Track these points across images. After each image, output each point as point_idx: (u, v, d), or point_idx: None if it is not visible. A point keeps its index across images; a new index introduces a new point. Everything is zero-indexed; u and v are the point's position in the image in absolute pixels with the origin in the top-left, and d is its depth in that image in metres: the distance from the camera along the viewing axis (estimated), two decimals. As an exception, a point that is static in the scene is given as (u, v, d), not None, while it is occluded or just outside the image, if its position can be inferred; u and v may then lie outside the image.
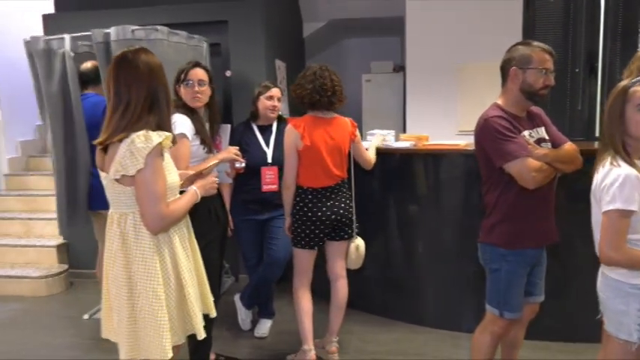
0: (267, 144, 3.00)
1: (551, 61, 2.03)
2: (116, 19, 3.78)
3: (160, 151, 1.70)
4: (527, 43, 2.08)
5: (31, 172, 5.32)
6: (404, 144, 3.26)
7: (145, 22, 3.39)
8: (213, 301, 2.53)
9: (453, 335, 3.13)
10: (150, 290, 1.73)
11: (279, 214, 2.88)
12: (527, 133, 2.06)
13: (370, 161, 2.85)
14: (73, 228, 3.64)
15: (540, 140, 2.10)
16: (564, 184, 2.25)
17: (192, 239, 1.95)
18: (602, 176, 1.69)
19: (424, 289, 3.31)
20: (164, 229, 1.76)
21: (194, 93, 2.46)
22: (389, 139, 3.30)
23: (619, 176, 1.63)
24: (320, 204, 2.60)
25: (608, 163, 1.68)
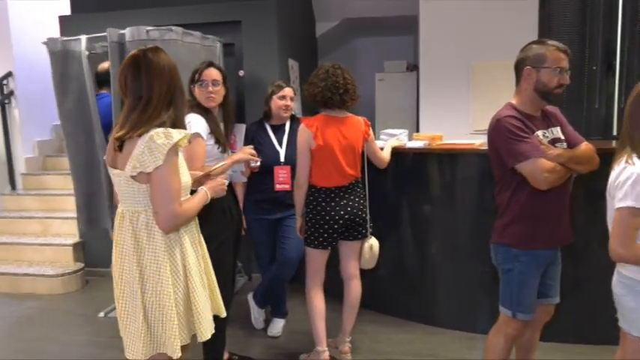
0: (280, 143, 3.00)
1: (566, 60, 2.01)
2: (131, 19, 3.82)
3: (177, 150, 1.71)
4: (541, 41, 2.06)
5: (48, 171, 5.40)
6: (417, 143, 3.24)
7: (160, 23, 3.42)
8: (223, 302, 2.55)
9: (466, 336, 3.11)
10: (159, 288, 1.74)
11: (291, 213, 2.88)
12: (540, 133, 2.03)
13: (384, 160, 2.84)
14: (94, 227, 3.69)
15: (555, 140, 2.07)
16: (581, 183, 2.22)
17: (201, 240, 1.96)
18: (616, 174, 1.70)
19: (438, 289, 3.29)
20: (176, 227, 1.77)
21: (208, 93, 2.47)
22: (402, 138, 3.29)
23: (632, 174, 1.63)
24: (333, 203, 2.60)
25: (623, 161, 1.69)
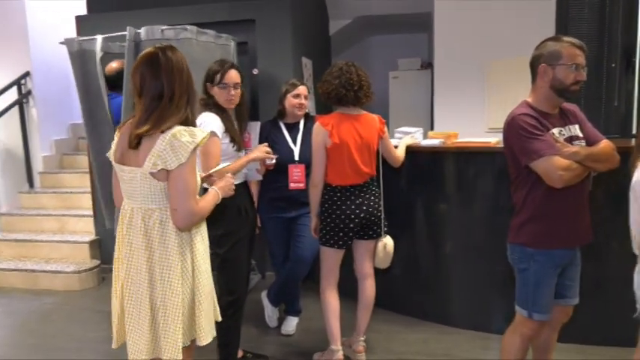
0: (295, 142, 3.00)
1: (583, 56, 1.97)
2: (146, 19, 3.85)
3: (197, 149, 1.72)
4: (557, 38, 2.03)
5: (65, 169, 5.47)
6: (432, 142, 3.22)
7: (174, 22, 3.44)
8: (238, 300, 2.56)
9: (482, 336, 3.08)
10: (168, 288, 1.73)
11: (306, 212, 2.88)
12: (556, 130, 2.00)
13: (399, 159, 2.82)
14: (113, 226, 3.72)
15: (572, 138, 2.03)
16: (600, 182, 2.18)
17: (207, 242, 1.94)
18: None
19: (453, 288, 3.26)
20: (192, 225, 1.77)
21: (229, 96, 2.48)
22: (417, 136, 3.27)
23: None
24: (349, 202, 2.59)
25: None
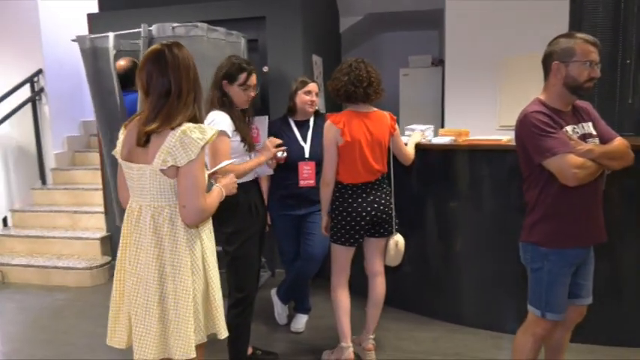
0: (305, 139, 2.99)
1: (597, 53, 1.94)
2: (156, 16, 3.87)
3: (206, 145, 1.72)
4: (570, 35, 2.00)
5: (77, 166, 5.52)
6: (444, 139, 3.20)
7: (185, 19, 3.46)
8: (249, 297, 2.57)
9: (493, 335, 3.06)
10: (179, 285, 1.72)
11: (316, 209, 2.87)
12: (570, 128, 1.98)
13: (409, 156, 2.80)
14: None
15: (586, 136, 2.01)
16: (613, 180, 2.15)
17: (213, 238, 1.94)
18: None
19: (464, 287, 3.24)
20: (201, 221, 1.77)
21: (248, 97, 2.50)
22: (428, 134, 3.25)
23: None
24: (360, 199, 2.57)
25: None
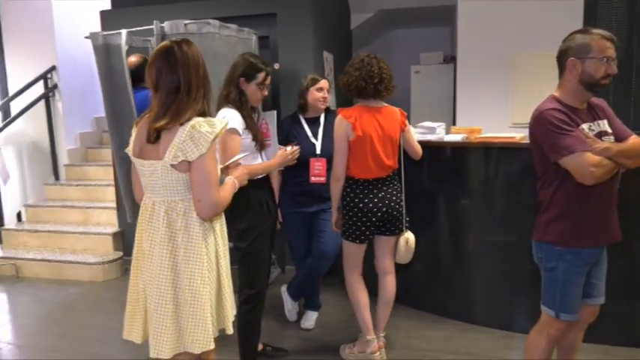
0: (316, 136, 2.99)
1: (613, 49, 1.92)
2: (168, 13, 3.88)
3: (216, 138, 1.72)
4: (585, 30, 1.97)
5: (89, 162, 5.57)
6: (455, 137, 3.18)
7: (197, 16, 3.46)
8: (260, 293, 2.57)
9: (505, 335, 3.04)
10: (195, 279, 1.73)
11: (327, 207, 2.87)
12: (586, 126, 1.95)
13: (419, 151, 2.80)
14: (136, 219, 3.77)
15: (602, 133, 1.98)
16: (629, 179, 2.12)
17: (226, 232, 1.95)
18: None
19: (475, 286, 3.22)
20: (216, 214, 1.78)
21: (262, 95, 2.51)
22: (439, 131, 3.23)
23: None
24: (372, 195, 2.57)
25: None
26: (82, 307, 3.80)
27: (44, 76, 5.30)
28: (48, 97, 5.34)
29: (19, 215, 5.14)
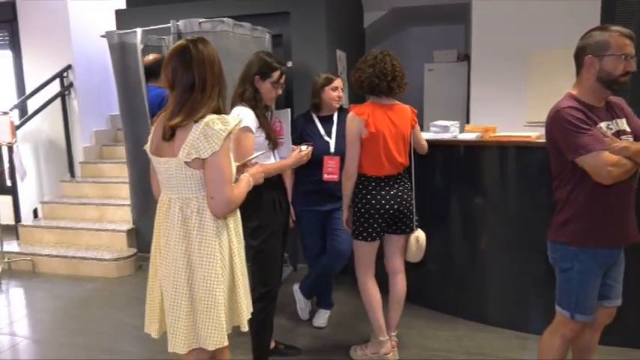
0: (329, 134, 2.99)
1: (632, 46, 1.89)
2: (182, 12, 3.91)
3: (230, 136, 1.73)
4: (604, 27, 1.94)
5: (104, 160, 5.63)
6: (469, 135, 3.15)
7: (210, 15, 3.48)
8: (272, 291, 2.57)
9: (518, 335, 3.01)
10: (209, 276, 1.74)
11: (341, 205, 2.85)
12: (604, 124, 1.92)
13: (426, 147, 2.80)
14: (146, 216, 3.81)
15: (620, 132, 1.95)
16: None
17: (241, 229, 1.95)
18: None
19: (488, 286, 3.19)
20: (229, 212, 1.79)
21: (277, 94, 2.53)
22: (453, 130, 3.21)
23: None
24: (384, 192, 2.56)
25: None
26: (97, 303, 3.85)
27: (60, 75, 5.37)
28: (64, 95, 5.40)
29: (35, 212, 5.22)
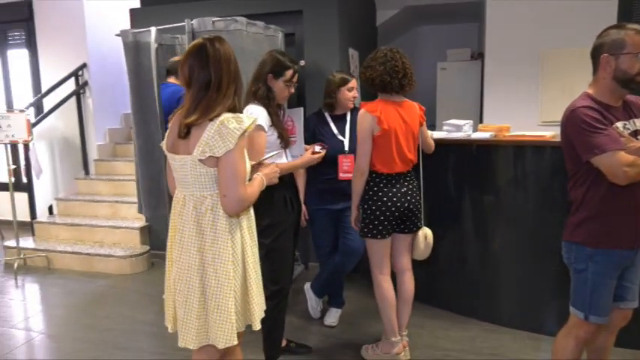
0: (343, 133, 2.99)
1: None
2: (195, 10, 3.93)
3: (245, 134, 1.74)
4: (620, 26, 1.91)
5: (118, 158, 5.69)
6: (483, 135, 3.13)
7: (223, 13, 3.49)
8: (283, 289, 2.58)
9: (531, 336, 2.99)
10: (221, 273, 1.75)
11: (354, 203, 2.87)
12: (620, 124, 1.90)
13: (433, 145, 2.80)
14: (153, 214, 3.85)
15: (637, 132, 1.93)
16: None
17: (254, 228, 1.96)
18: None
19: (501, 286, 3.17)
20: (242, 210, 1.79)
21: (289, 93, 2.54)
22: (467, 129, 3.19)
23: None
24: (395, 189, 2.55)
25: None
26: (110, 300, 3.89)
27: (75, 74, 5.43)
28: (79, 93, 5.47)
29: (50, 208, 5.28)
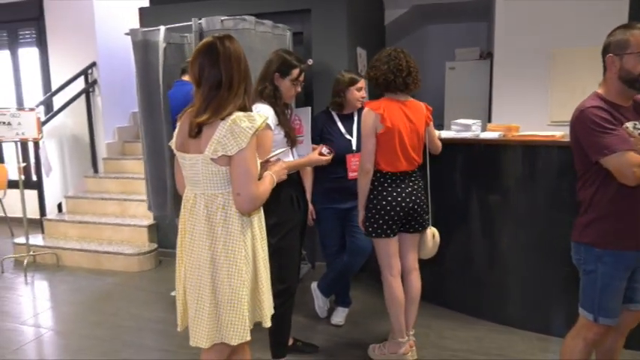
0: (350, 132, 2.99)
1: None
2: (204, 9, 3.94)
3: (256, 133, 1.74)
4: (627, 26, 1.89)
5: (126, 156, 5.72)
6: (492, 134, 3.12)
7: (232, 12, 3.50)
8: (290, 288, 2.58)
9: (539, 337, 2.97)
10: (233, 272, 1.76)
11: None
12: (631, 125, 1.88)
13: (440, 147, 2.79)
14: (161, 212, 3.87)
15: (647, 132, 1.91)
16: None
17: (264, 226, 1.96)
18: None
19: (509, 286, 3.15)
20: (255, 208, 1.80)
21: (296, 92, 2.54)
22: (475, 129, 3.18)
23: None
24: (399, 189, 2.55)
25: None
26: (118, 297, 3.92)
27: (85, 72, 5.47)
28: (88, 92, 5.50)
29: (59, 206, 5.33)
